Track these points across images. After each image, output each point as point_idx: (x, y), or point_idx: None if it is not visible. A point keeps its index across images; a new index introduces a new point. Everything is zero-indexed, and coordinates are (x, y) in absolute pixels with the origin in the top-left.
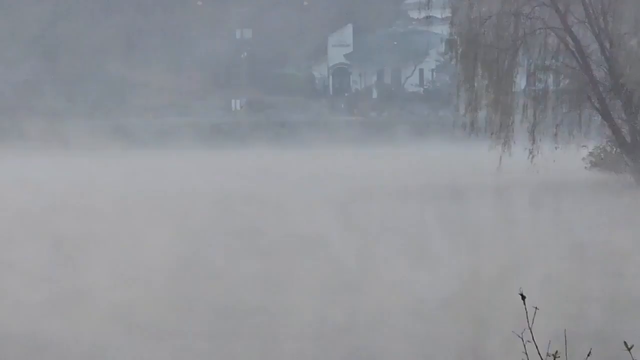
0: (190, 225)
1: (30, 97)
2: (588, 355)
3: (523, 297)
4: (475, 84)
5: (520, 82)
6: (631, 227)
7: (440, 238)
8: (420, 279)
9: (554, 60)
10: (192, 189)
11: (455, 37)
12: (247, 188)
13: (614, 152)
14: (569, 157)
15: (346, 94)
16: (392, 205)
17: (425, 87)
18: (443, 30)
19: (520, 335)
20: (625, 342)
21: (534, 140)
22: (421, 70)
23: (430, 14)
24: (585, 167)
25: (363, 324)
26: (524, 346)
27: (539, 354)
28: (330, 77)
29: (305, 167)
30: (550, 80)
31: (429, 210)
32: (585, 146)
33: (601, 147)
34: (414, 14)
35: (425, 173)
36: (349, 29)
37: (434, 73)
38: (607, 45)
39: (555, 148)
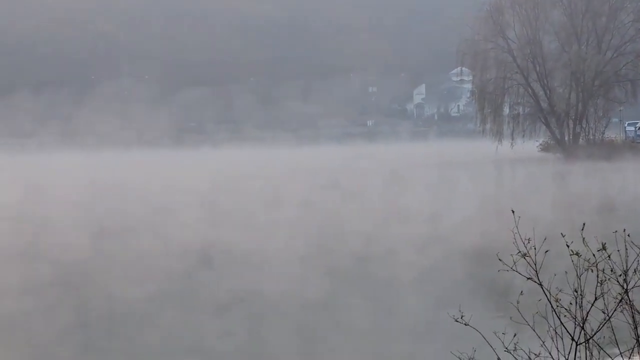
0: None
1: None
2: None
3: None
4: (484, 112)
5: (505, 110)
6: (552, 176)
7: (459, 182)
8: (443, 201)
9: (521, 99)
10: (355, 155)
11: (474, 89)
12: (371, 155)
13: (551, 143)
14: (530, 146)
15: (422, 117)
16: (439, 169)
17: (460, 113)
18: (468, 85)
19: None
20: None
21: (512, 138)
22: (458, 105)
23: (462, 78)
24: (538, 150)
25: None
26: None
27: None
28: (414, 109)
29: (401, 150)
30: (520, 109)
31: (460, 171)
32: (537, 140)
33: (545, 141)
34: (455, 78)
35: (458, 154)
36: (423, 87)
37: (464, 106)
38: (547, 91)
39: (523, 142)
